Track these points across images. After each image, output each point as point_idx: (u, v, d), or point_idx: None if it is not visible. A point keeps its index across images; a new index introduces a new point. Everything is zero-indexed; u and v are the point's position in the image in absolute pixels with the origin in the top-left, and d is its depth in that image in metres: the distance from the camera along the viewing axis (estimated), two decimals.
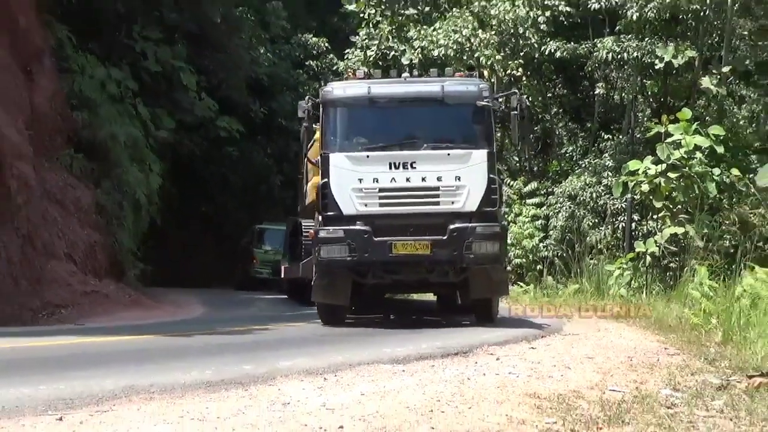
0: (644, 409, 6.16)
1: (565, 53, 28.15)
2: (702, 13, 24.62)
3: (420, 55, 28.66)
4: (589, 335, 12.53)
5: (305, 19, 49.22)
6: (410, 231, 10.79)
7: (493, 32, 28.74)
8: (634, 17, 24.94)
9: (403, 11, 31.30)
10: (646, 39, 25.15)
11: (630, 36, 25.59)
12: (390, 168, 10.91)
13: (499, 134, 17.09)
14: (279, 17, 44.97)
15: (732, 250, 17.93)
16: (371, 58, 29.97)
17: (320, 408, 5.96)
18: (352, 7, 33.30)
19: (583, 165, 27.96)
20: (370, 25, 31.35)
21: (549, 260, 25.13)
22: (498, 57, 28.75)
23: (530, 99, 30.89)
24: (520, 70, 29.74)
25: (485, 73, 29.70)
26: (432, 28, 29.32)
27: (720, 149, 19.00)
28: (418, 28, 29.65)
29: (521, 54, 29.29)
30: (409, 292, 17.32)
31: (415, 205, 10.92)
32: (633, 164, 20.47)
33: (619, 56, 25.65)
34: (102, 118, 24.31)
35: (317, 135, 15.31)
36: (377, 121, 11.74)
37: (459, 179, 10.82)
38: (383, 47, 30.16)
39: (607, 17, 27.20)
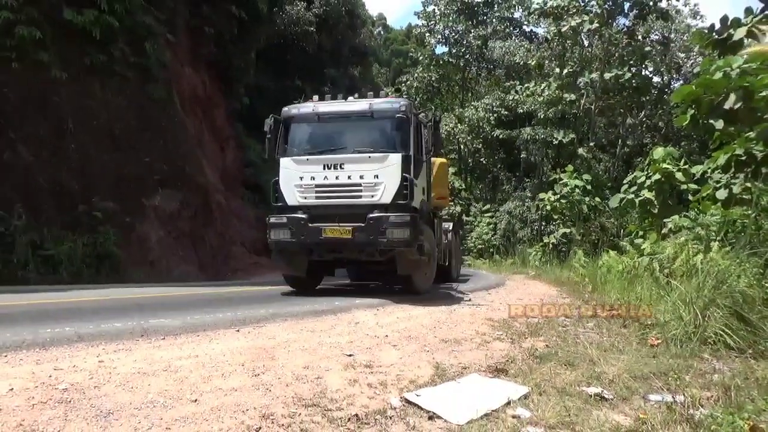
0: (550, 328, 6.11)
1: (503, 135, 28.09)
2: (577, 114, 24.53)
3: None
4: (519, 287, 12.40)
5: None
6: (337, 219, 8.67)
7: (465, 125, 28.74)
8: (542, 116, 24.88)
9: None
10: (548, 128, 25.07)
11: (539, 126, 25.52)
12: (324, 168, 8.81)
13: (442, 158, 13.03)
14: None
15: (596, 242, 17.89)
16: None
17: (375, 325, 5.98)
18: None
19: (515, 195, 27.94)
20: None
21: (496, 246, 24.98)
22: (468, 138, 28.76)
23: (484, 160, 30.98)
24: (480, 145, 29.68)
25: (461, 147, 29.67)
26: None
27: (588, 187, 19.03)
28: None
29: (481, 136, 29.23)
30: (351, 267, 13.06)
31: (342, 198, 8.74)
32: (542, 195, 20.60)
33: (534, 137, 25.61)
34: (262, 170, 24.46)
35: None
36: (318, 132, 9.47)
37: (377, 177, 8.59)
38: None
39: (527, 117, 27.12)
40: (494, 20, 32.03)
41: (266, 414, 3.07)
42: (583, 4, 22.26)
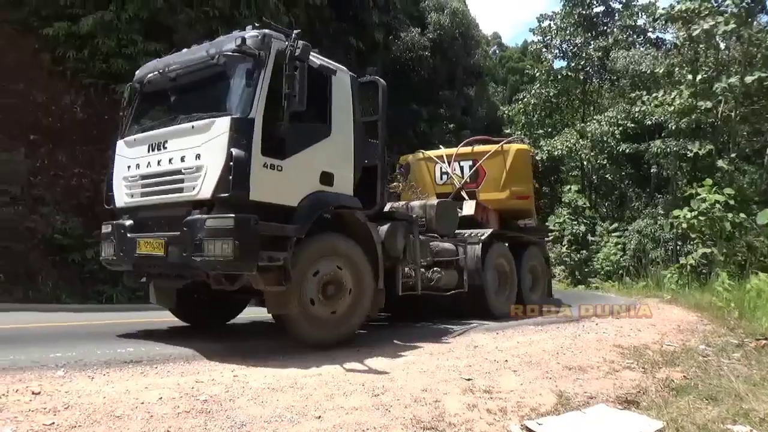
0: (688, 357, 5.64)
1: (630, 150, 26.57)
2: (715, 123, 22.58)
3: (546, 155, 27.95)
4: (651, 312, 11.55)
5: None
6: (154, 225, 5.56)
7: (588, 140, 27.60)
8: (673, 127, 23.23)
9: (535, 132, 30.55)
10: (681, 139, 23.32)
11: (671, 138, 23.83)
12: (149, 151, 5.62)
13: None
14: None
15: (743, 263, 16.21)
16: None
17: (494, 349, 5.88)
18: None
19: (646, 213, 26.21)
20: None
21: (626, 268, 23.43)
22: (591, 153, 27.59)
23: (609, 177, 29.44)
24: (605, 160, 28.37)
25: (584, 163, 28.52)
26: (553, 139, 28.53)
27: (731, 202, 17.34)
28: (546, 140, 28.85)
29: (605, 151, 27.91)
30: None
31: (161, 193, 5.47)
32: (676, 212, 19.16)
33: (665, 150, 23.96)
34: None
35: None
36: (154, 99, 6.22)
37: (199, 158, 5.16)
38: None
39: (656, 128, 25.41)
40: (615, 30, 30.61)
41: None
42: (716, 4, 20.56)
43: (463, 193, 10.46)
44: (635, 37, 31.17)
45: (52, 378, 3.79)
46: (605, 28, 31.14)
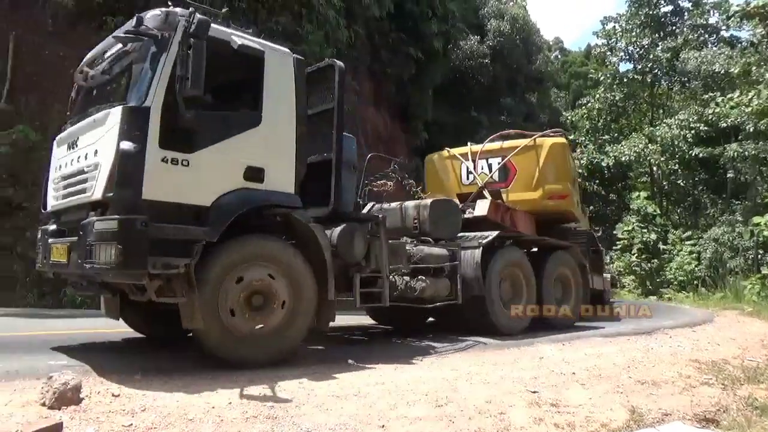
0: None
1: (704, 154, 25.29)
2: None
3: (612, 161, 27.04)
4: (731, 325, 10.84)
5: None
6: (68, 230, 5.00)
7: (657, 145, 26.50)
8: (751, 129, 21.90)
9: (601, 137, 29.67)
10: (760, 142, 21.94)
11: (749, 141, 22.47)
12: (68, 150, 5.06)
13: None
14: None
15: None
16: (583, 165, 27.71)
17: (561, 361, 5.71)
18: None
19: (722, 220, 24.82)
20: (582, 146, 29.68)
21: (701, 278, 22.23)
22: (662, 158, 26.48)
23: (681, 182, 28.14)
24: (676, 165, 27.16)
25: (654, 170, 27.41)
26: (620, 144, 27.60)
27: None
28: (612, 145, 27.98)
29: (677, 156, 26.70)
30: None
31: (71, 195, 4.85)
32: (757, 219, 18.05)
33: (742, 153, 22.63)
34: None
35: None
36: (84, 92, 5.53)
37: (96, 154, 4.52)
38: (590, 157, 28.42)
39: (732, 131, 24.05)
40: (685, 29, 29.37)
41: None
42: None
43: (486, 194, 9.27)
44: (707, 36, 29.86)
45: (131, 381, 3.99)
46: (674, 28, 30.02)
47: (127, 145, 4.27)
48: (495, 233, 7.89)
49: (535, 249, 9.20)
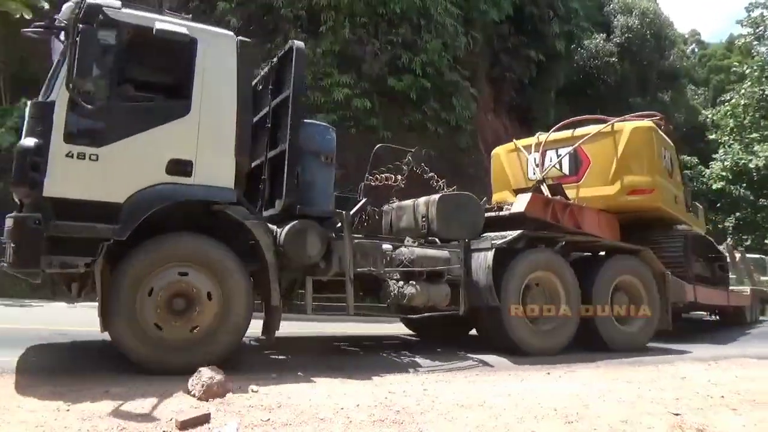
0: None
1: None
2: None
3: (762, 161, 24.44)
4: None
5: None
6: None
7: None
8: None
9: (747, 136, 26.94)
10: None
11: None
12: None
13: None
14: None
15: None
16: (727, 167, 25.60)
17: (707, 382, 5.21)
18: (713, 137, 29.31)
19: None
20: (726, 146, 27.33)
21: None
22: None
23: None
24: None
25: None
26: None
27: None
28: (762, 144, 25.32)
29: None
30: None
31: None
32: None
33: None
34: None
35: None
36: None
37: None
38: (736, 158, 25.90)
39: None
40: None
41: None
42: None
43: (544, 188, 7.81)
44: None
45: (268, 380, 4.26)
46: None
47: (26, 141, 4.19)
48: (516, 232, 6.53)
49: (588, 253, 7.77)
